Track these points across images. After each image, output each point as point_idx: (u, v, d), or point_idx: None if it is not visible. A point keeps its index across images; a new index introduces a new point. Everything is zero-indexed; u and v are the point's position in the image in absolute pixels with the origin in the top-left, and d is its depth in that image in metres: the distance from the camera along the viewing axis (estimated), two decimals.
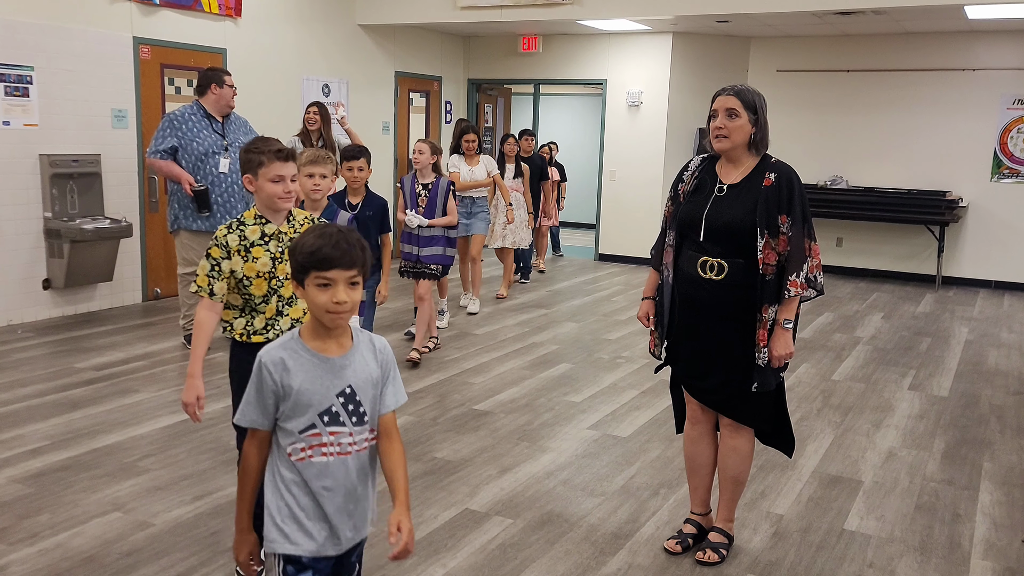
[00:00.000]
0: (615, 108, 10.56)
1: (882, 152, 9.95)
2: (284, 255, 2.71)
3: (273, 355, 1.90)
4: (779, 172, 2.96)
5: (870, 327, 7.39)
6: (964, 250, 9.74)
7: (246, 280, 2.72)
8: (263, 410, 1.92)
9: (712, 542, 3.20)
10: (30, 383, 5.00)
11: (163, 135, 5.72)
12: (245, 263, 2.71)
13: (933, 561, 3.25)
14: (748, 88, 2.99)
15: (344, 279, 1.84)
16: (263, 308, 2.77)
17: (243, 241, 2.72)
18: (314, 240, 1.85)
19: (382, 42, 9.88)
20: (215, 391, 4.97)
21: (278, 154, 2.72)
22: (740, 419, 3.09)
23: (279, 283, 2.76)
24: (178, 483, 3.71)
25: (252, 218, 2.76)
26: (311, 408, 1.89)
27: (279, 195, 2.72)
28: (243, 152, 2.75)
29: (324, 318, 1.87)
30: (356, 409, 1.92)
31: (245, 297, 2.75)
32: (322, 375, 1.89)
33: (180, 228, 5.79)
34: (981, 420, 4.96)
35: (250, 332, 2.78)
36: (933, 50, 9.59)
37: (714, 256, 2.97)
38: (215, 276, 2.70)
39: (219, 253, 2.70)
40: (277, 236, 2.76)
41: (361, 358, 1.95)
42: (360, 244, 1.87)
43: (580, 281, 9.37)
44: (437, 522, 3.42)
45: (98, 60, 6.82)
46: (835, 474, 4.06)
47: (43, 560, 3.03)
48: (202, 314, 2.72)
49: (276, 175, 2.70)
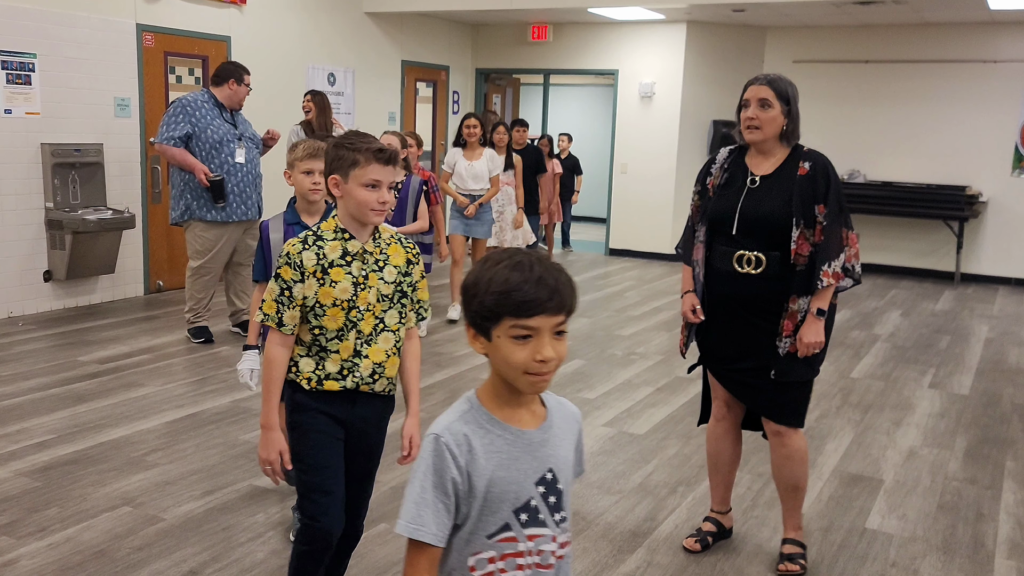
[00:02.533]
0: (627, 99, 10.57)
1: (900, 145, 9.95)
2: (368, 280, 2.30)
3: (455, 431, 1.43)
4: (814, 161, 2.95)
5: (888, 324, 7.39)
6: (984, 246, 9.74)
7: (319, 309, 2.27)
8: (444, 512, 1.41)
9: (788, 554, 3.14)
10: (33, 376, 5.04)
11: (175, 121, 5.69)
12: (321, 287, 2.26)
13: (957, 561, 3.26)
14: (781, 77, 2.96)
15: (550, 328, 1.39)
16: (335, 346, 2.30)
17: (321, 260, 2.27)
18: (507, 273, 1.38)
19: (389, 30, 9.89)
20: (221, 385, 5.00)
21: (378, 155, 2.26)
22: (776, 415, 3.03)
23: (359, 315, 2.30)
24: (187, 478, 3.74)
25: (332, 231, 2.30)
26: (504, 503, 1.43)
27: (372, 205, 2.26)
28: (333, 147, 2.31)
29: (520, 381, 1.41)
30: (557, 502, 1.49)
31: (315, 331, 2.30)
32: (519, 456, 1.45)
33: (192, 219, 5.78)
34: (1003, 419, 4.97)
35: (321, 377, 2.31)
36: (953, 41, 9.58)
37: (750, 250, 2.94)
38: (285, 303, 2.27)
39: (291, 274, 2.26)
40: (361, 256, 2.30)
41: (558, 430, 1.52)
42: (569, 280, 1.43)
43: (591, 276, 9.39)
44: None
45: (101, 47, 6.84)
46: (856, 473, 4.07)
47: (53, 554, 3.06)
48: (273, 351, 2.30)
49: (372, 179, 2.25)
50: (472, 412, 1.45)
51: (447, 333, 6.49)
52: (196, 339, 5.88)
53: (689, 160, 10.39)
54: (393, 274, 2.34)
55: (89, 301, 6.94)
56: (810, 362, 2.98)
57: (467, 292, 1.42)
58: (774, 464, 3.14)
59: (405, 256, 2.37)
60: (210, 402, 4.71)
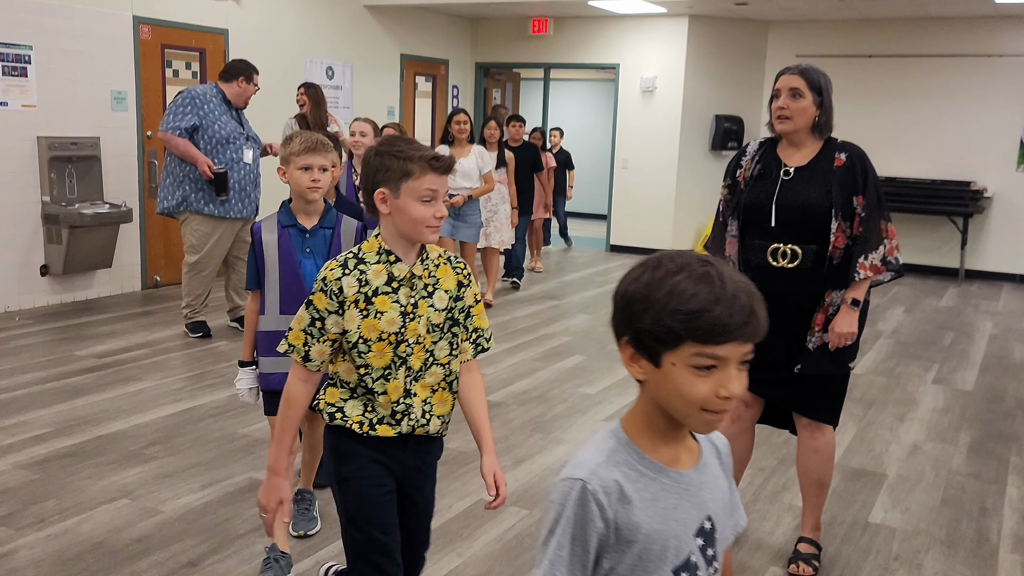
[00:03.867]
0: (628, 94, 10.58)
1: (904, 141, 9.96)
2: (417, 308, 2.01)
3: (604, 477, 1.20)
4: (850, 152, 2.91)
5: (892, 320, 7.41)
6: (988, 242, 9.75)
7: (363, 345, 1.99)
8: (580, 571, 1.20)
9: (803, 553, 3.11)
10: (30, 370, 5.05)
11: (183, 112, 5.67)
12: (364, 319, 1.98)
13: (960, 554, 3.28)
14: (815, 68, 2.92)
15: (738, 358, 1.18)
16: (382, 387, 2.02)
17: (364, 287, 1.98)
18: (693, 288, 1.16)
19: (388, 24, 9.90)
20: (218, 380, 5.02)
21: (434, 163, 1.96)
22: (812, 412, 3.02)
23: (408, 349, 2.01)
24: (185, 471, 3.75)
25: (375, 253, 2.01)
26: (664, 563, 1.22)
27: (429, 221, 1.96)
28: (378, 156, 1.98)
29: (694, 418, 1.20)
30: (714, 555, 1.29)
31: (361, 370, 2.03)
32: (677, 504, 1.24)
33: (188, 210, 5.77)
34: (1007, 414, 4.99)
35: (373, 420, 2.05)
36: (958, 35, 9.59)
37: (786, 243, 2.90)
38: (315, 335, 2.00)
39: (326, 303, 1.98)
40: (409, 281, 2.01)
41: (711, 467, 1.32)
42: (762, 299, 1.20)
43: (591, 272, 9.41)
44: (452, 512, 3.46)
45: (98, 39, 6.86)
46: (859, 467, 4.09)
47: (52, 545, 3.08)
48: (294, 387, 2.04)
49: (428, 191, 1.95)
50: (621, 449, 1.23)
51: None
52: (194, 334, 5.89)
53: (691, 156, 10.41)
54: (444, 300, 2.06)
55: (86, 296, 6.95)
56: (840, 356, 2.94)
57: (634, 304, 1.20)
58: (800, 459, 3.12)
59: (456, 278, 2.08)
60: (208, 396, 4.73)
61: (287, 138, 2.90)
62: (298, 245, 2.85)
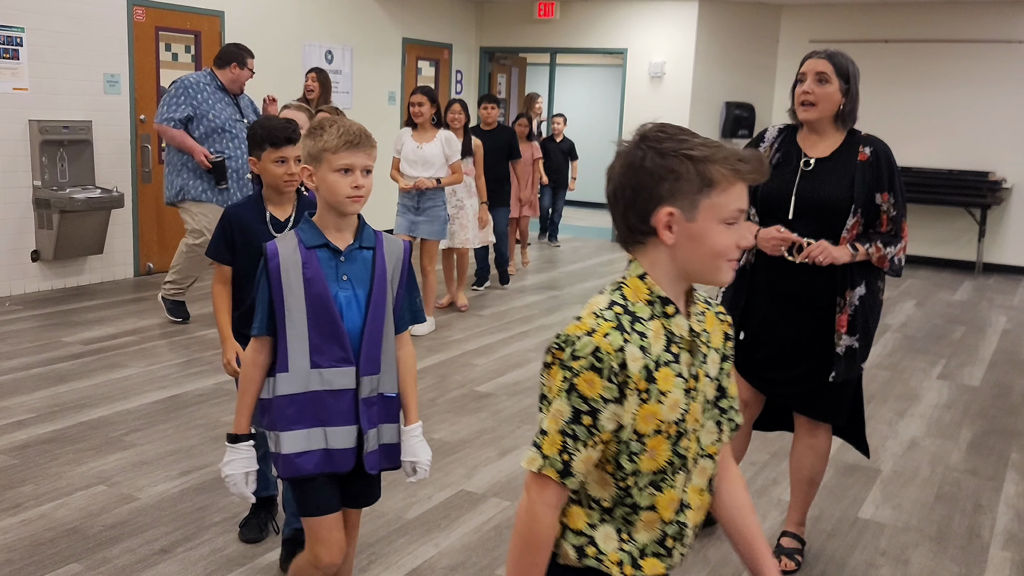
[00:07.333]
0: (636, 79, 10.57)
1: (921, 129, 9.91)
2: (699, 382, 1.47)
3: None
4: (875, 147, 2.87)
5: (901, 314, 7.39)
6: (1007, 235, 9.70)
7: (635, 444, 1.42)
8: None
9: (786, 548, 3.14)
10: (16, 356, 5.12)
11: (176, 102, 5.74)
12: (643, 406, 1.40)
13: (950, 551, 3.30)
14: (843, 53, 2.87)
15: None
16: (650, 500, 1.45)
17: (647, 357, 1.40)
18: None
19: (389, 6, 9.92)
20: (205, 367, 5.07)
21: (742, 167, 1.40)
22: (818, 415, 3.02)
23: (687, 443, 1.47)
24: (164, 458, 3.81)
25: (644, 302, 1.44)
26: None
27: (731, 254, 1.43)
28: (660, 156, 1.41)
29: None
30: None
31: (623, 483, 1.44)
32: None
33: (187, 199, 5.82)
34: (1012, 410, 4.98)
35: (635, 557, 1.46)
36: (977, 20, 9.52)
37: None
38: (583, 437, 1.38)
39: (600, 388, 1.37)
40: (691, 343, 1.47)
41: None
42: None
43: (594, 263, 9.42)
44: (432, 502, 3.50)
45: (91, 22, 6.91)
46: (852, 463, 4.10)
47: (25, 530, 3.13)
48: (546, 520, 1.42)
49: (737, 210, 1.41)
50: None
51: (442, 319, 6.53)
52: (174, 317, 5.95)
53: None
54: (716, 362, 1.54)
55: (77, 282, 7.03)
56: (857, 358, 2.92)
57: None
58: (796, 455, 3.13)
59: (721, 328, 1.56)
60: (193, 384, 4.78)
61: (314, 126, 2.17)
62: (331, 272, 2.14)
